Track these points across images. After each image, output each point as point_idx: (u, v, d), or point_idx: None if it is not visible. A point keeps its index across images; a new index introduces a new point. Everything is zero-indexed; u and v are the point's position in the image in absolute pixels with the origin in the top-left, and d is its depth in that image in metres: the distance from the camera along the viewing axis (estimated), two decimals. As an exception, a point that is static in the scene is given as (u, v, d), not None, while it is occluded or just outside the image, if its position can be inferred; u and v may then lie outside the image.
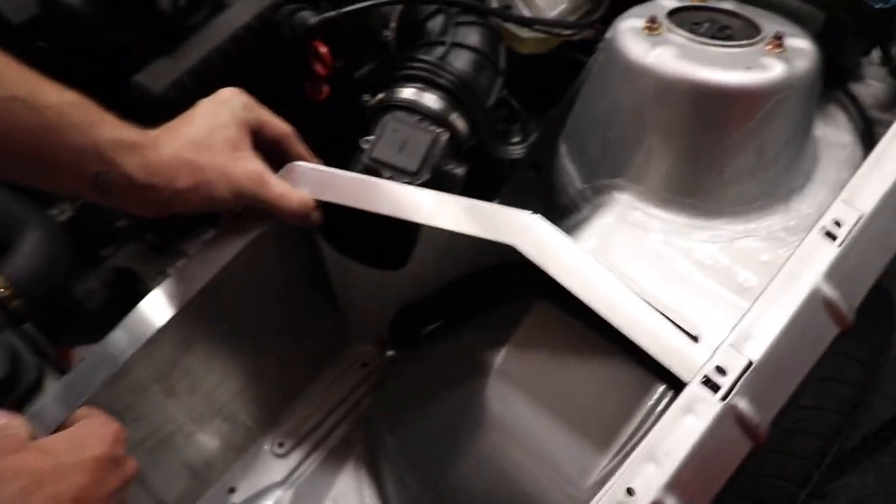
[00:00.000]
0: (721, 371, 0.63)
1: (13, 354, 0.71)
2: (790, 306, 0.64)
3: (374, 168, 0.75)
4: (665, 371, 0.72)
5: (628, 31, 0.81)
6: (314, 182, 0.73)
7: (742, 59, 0.77)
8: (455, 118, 0.83)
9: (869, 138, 0.87)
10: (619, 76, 0.81)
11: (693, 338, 0.65)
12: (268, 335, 0.89)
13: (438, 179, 0.77)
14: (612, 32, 0.83)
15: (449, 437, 0.82)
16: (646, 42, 0.79)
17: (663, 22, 0.81)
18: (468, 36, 0.86)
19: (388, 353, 1.00)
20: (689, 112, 0.77)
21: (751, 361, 0.63)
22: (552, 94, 1.04)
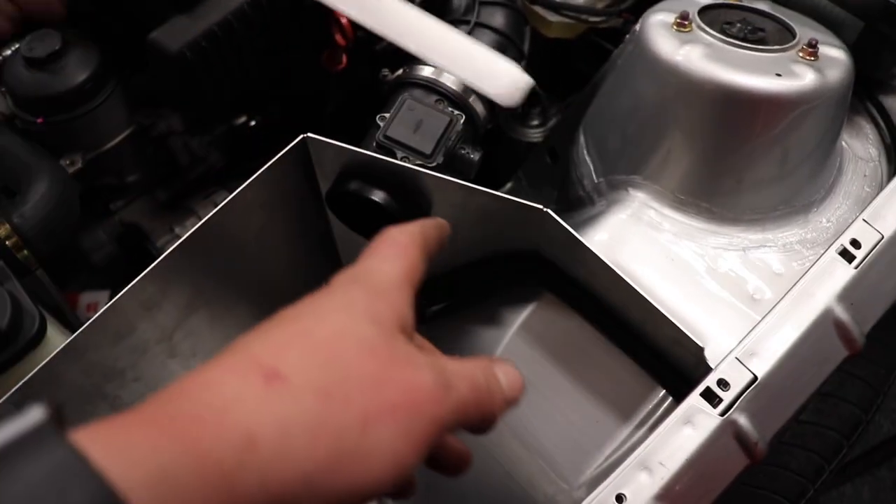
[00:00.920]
0: (724, 384, 0.62)
1: (15, 305, 0.70)
2: (800, 325, 0.63)
3: (387, 146, 0.74)
4: (667, 377, 0.72)
5: (657, 26, 0.79)
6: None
7: (773, 64, 0.75)
8: (474, 100, 0.82)
9: (896, 154, 0.86)
10: (644, 71, 0.79)
11: (699, 347, 0.64)
12: (270, 302, 0.89)
13: (452, 163, 0.75)
14: (641, 25, 0.81)
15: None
16: (675, 39, 0.77)
17: (694, 19, 0.79)
18: (493, 17, 0.84)
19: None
20: (714, 114, 0.75)
21: (755, 377, 0.62)
22: (574, 79, 1.03)
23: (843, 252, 0.65)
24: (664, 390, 0.72)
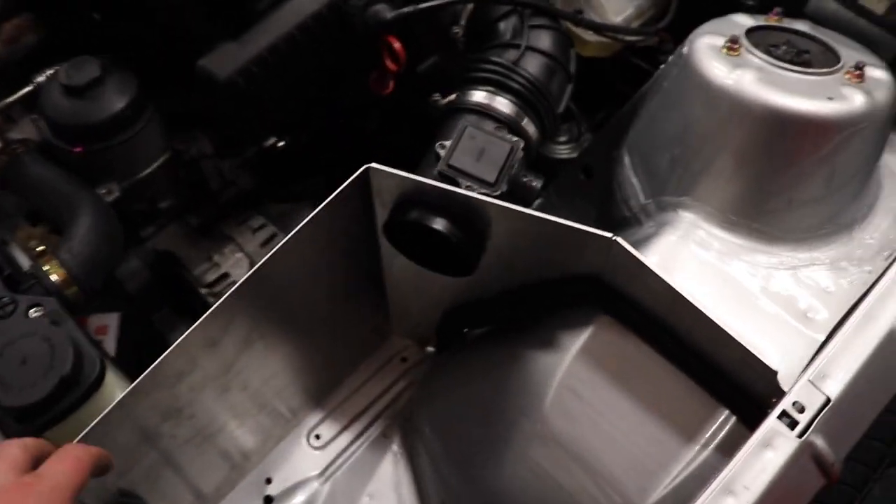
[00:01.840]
0: (799, 407, 0.63)
1: (76, 348, 0.69)
2: (868, 345, 0.65)
3: (450, 176, 0.74)
4: (731, 396, 0.74)
5: (707, 50, 0.80)
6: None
7: (823, 87, 0.76)
8: (526, 123, 0.82)
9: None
10: (694, 94, 0.80)
11: (772, 371, 0.66)
12: (315, 328, 0.88)
13: (515, 190, 0.75)
14: (688, 48, 0.82)
15: (499, 443, 0.82)
16: (725, 63, 0.78)
17: (743, 43, 0.80)
18: (541, 40, 0.84)
19: (428, 349, 1.00)
20: (767, 137, 0.77)
21: (829, 398, 0.63)
22: (606, 97, 1.04)
23: (905, 271, 0.67)
24: (727, 410, 0.73)
